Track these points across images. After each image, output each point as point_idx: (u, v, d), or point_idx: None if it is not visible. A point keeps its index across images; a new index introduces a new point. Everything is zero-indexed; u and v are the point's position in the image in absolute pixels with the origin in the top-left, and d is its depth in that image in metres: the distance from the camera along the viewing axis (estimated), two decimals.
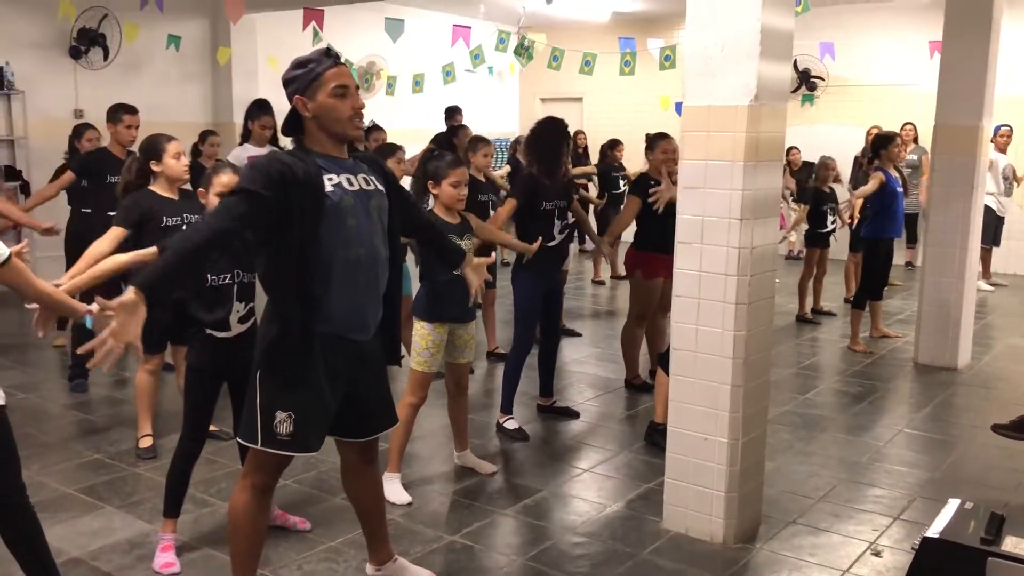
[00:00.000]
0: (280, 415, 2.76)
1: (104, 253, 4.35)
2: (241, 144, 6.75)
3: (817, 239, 8.30)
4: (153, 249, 3.52)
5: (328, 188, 2.72)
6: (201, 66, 10.66)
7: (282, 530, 3.75)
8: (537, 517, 4.01)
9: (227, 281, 3.50)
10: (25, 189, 8.83)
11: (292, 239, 2.67)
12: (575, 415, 5.39)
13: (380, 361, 3.03)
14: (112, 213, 5.88)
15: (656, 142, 5.58)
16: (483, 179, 6.43)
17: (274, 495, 3.81)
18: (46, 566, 2.91)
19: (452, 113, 9.91)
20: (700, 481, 3.70)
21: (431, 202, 4.30)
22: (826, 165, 8.36)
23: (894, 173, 7.29)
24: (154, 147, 4.43)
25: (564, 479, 4.46)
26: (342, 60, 2.84)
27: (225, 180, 3.51)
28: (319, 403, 2.81)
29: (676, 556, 3.61)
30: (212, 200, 3.51)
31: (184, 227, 4.49)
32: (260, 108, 6.81)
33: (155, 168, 4.42)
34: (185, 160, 4.50)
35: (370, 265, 2.82)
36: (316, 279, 2.71)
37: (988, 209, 9.98)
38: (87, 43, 9.40)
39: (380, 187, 2.91)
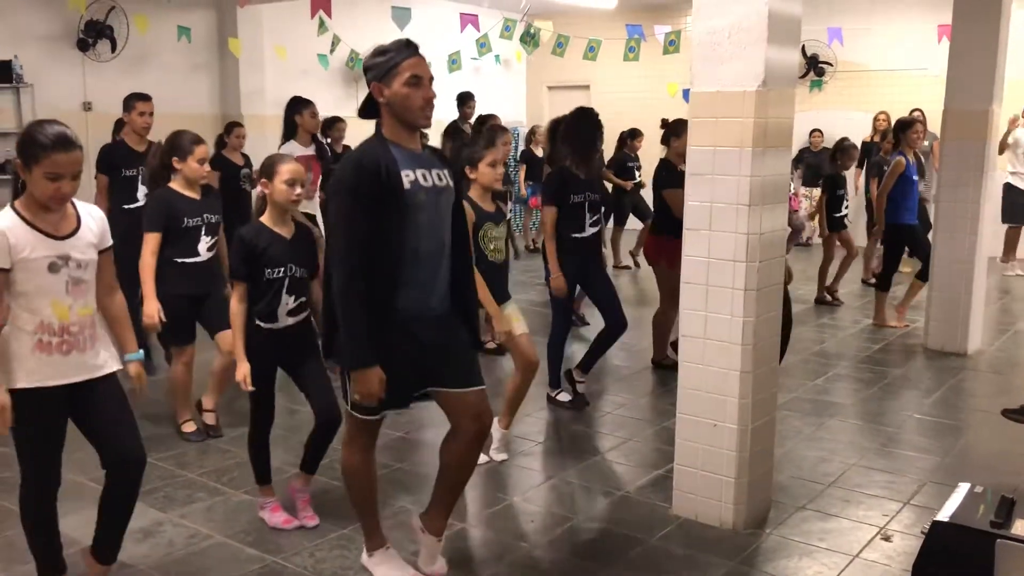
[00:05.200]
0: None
1: (154, 265, 4.48)
2: (285, 141, 6.66)
3: (834, 223, 8.30)
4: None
5: (406, 185, 2.89)
6: (208, 57, 10.66)
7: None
8: (547, 504, 4.03)
9: (280, 275, 3.61)
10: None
11: (375, 230, 2.86)
12: (584, 403, 5.39)
13: (456, 329, 3.15)
14: (126, 206, 5.96)
15: (683, 128, 5.50)
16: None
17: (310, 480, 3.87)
18: (122, 530, 3.11)
19: (465, 99, 9.80)
20: (710, 467, 3.70)
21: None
22: (848, 152, 8.28)
23: (912, 159, 7.28)
24: (181, 146, 4.48)
25: (574, 466, 4.47)
26: (417, 48, 2.96)
27: (290, 168, 3.61)
28: (389, 370, 2.94)
29: (686, 542, 3.62)
30: (279, 188, 3.59)
31: (204, 228, 4.57)
32: (301, 101, 6.68)
33: (176, 165, 4.47)
34: (207, 166, 4.57)
35: (435, 257, 3.02)
36: (388, 267, 2.90)
37: (1017, 190, 9.90)
38: (94, 35, 9.39)
39: (450, 183, 3.07)
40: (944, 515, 2.88)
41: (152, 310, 4.44)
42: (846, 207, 8.39)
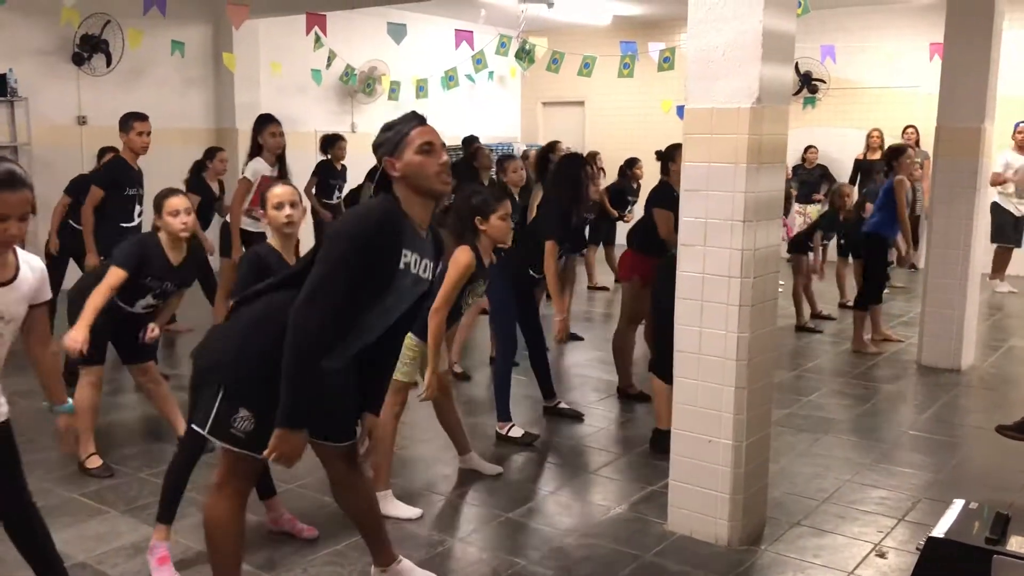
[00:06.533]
0: (243, 412, 2.73)
1: (107, 299, 4.14)
2: (252, 158, 6.65)
3: (800, 245, 8.23)
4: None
5: (400, 266, 2.78)
6: (203, 72, 10.67)
7: (288, 535, 3.75)
8: (541, 519, 4.01)
9: None
10: None
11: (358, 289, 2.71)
12: (579, 417, 5.39)
13: (354, 377, 3.06)
14: (124, 224, 5.94)
15: (678, 151, 5.43)
16: (516, 198, 6.46)
17: (282, 500, 3.85)
18: (54, 567, 2.94)
19: (470, 143, 9.90)
20: (704, 483, 3.70)
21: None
22: (842, 192, 8.17)
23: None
24: (156, 201, 4.30)
25: (568, 481, 4.46)
26: (424, 119, 2.88)
27: (277, 192, 3.60)
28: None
29: (681, 558, 3.61)
30: (272, 214, 3.58)
31: (156, 291, 4.36)
32: (266, 119, 6.74)
33: (156, 222, 4.31)
34: (184, 218, 4.26)
35: (377, 333, 2.92)
36: (341, 325, 2.74)
37: (1003, 210, 9.93)
38: (90, 50, 9.41)
39: (431, 277, 2.96)
40: (939, 531, 2.88)
41: (80, 336, 4.03)
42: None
